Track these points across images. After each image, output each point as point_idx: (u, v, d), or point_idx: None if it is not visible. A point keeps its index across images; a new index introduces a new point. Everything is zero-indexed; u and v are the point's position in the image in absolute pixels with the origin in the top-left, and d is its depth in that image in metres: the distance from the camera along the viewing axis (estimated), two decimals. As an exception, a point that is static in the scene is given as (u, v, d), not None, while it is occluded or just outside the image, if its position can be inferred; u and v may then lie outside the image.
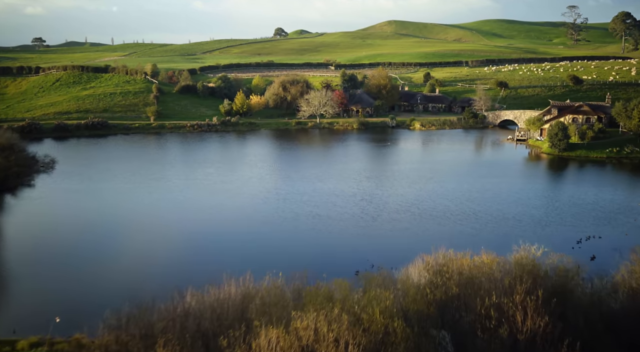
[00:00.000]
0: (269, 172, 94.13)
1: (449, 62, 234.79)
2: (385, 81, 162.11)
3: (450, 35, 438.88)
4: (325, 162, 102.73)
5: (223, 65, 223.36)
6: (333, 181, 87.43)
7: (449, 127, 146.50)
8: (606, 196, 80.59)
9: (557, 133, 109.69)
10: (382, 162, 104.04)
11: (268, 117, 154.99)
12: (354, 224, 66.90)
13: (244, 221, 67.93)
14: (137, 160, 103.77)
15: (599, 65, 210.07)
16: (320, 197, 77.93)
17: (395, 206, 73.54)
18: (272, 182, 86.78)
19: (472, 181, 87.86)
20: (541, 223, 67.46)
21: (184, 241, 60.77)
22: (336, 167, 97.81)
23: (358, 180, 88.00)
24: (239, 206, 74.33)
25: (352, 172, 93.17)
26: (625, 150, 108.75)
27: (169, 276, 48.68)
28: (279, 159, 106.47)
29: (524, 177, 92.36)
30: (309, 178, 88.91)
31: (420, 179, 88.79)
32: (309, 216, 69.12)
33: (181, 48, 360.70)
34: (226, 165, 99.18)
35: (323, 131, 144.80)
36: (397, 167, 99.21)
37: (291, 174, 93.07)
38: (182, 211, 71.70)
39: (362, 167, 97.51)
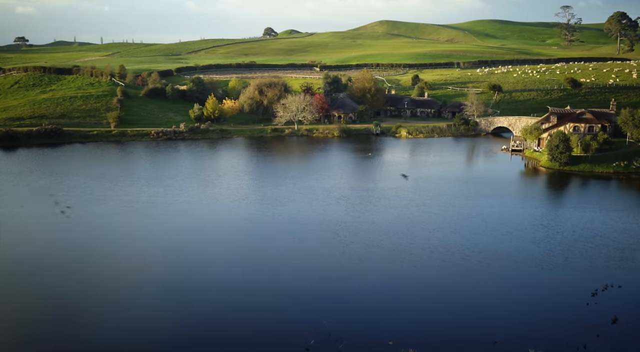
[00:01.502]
0: (223, 191, 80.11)
1: (439, 63, 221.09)
2: (370, 84, 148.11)
3: (442, 36, 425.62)
4: (294, 178, 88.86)
5: (202, 66, 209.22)
6: (297, 203, 73.53)
7: (438, 135, 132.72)
8: (618, 224, 67.05)
9: (558, 145, 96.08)
10: (359, 179, 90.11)
11: (243, 123, 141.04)
12: (311, 265, 53.18)
13: (155, 279, 54.04)
14: (81, 175, 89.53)
15: (597, 67, 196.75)
16: (276, 227, 64.11)
17: (365, 240, 59.71)
18: (221, 207, 72.68)
19: (459, 204, 74.11)
20: (542, 265, 53.84)
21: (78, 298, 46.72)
22: (305, 185, 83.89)
23: (327, 202, 74.08)
24: (162, 244, 60.33)
25: (322, 192, 79.23)
26: (635, 164, 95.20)
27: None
28: (240, 174, 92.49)
29: (520, 198, 78.63)
30: (269, 200, 74.95)
31: (400, 201, 74.95)
32: (253, 258, 55.19)
33: (166, 48, 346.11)
34: (178, 182, 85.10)
35: (301, 139, 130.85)
36: (375, 185, 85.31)
37: (249, 194, 79.04)
38: (97, 251, 57.66)
39: (335, 186, 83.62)
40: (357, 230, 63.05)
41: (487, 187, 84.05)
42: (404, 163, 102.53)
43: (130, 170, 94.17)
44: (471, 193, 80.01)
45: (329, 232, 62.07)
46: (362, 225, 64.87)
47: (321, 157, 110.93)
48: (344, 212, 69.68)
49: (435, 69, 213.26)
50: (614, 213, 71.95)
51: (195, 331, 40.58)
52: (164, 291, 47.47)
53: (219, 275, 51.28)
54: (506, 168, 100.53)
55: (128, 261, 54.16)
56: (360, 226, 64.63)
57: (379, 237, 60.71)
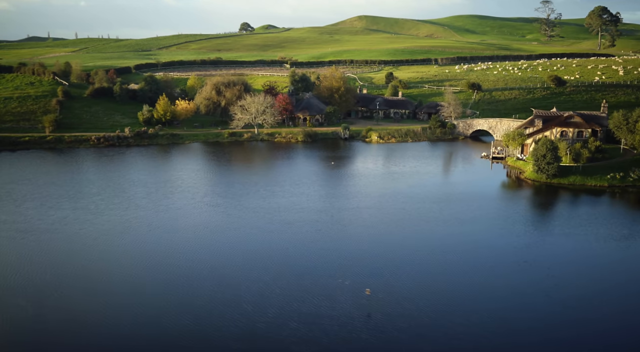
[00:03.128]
0: (144, 215, 65.15)
1: (417, 60, 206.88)
2: (339, 83, 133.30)
3: (421, 31, 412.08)
4: (237, 196, 74.09)
5: (163, 63, 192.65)
6: (227, 234, 58.97)
7: (412, 140, 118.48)
8: (625, 263, 53.57)
9: (545, 154, 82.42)
10: (312, 196, 75.46)
11: (199, 126, 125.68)
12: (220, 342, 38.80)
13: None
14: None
15: (581, 63, 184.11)
16: (177, 278, 49.43)
17: (278, 307, 45.34)
18: (127, 240, 57.77)
19: (427, 232, 60.03)
20: (533, 343, 39.78)
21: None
22: (248, 204, 69.15)
23: (265, 230, 59.54)
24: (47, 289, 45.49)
25: (264, 215, 64.65)
26: (632, 176, 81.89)
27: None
28: (174, 191, 77.52)
29: (501, 223, 64.67)
30: (193, 228, 60.23)
31: (355, 229, 60.63)
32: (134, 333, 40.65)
33: (137, 44, 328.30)
34: (96, 203, 69.88)
35: (261, 145, 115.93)
36: (330, 204, 70.77)
37: (170, 220, 64.02)
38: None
39: (282, 206, 68.99)
40: (284, 281, 48.64)
41: (464, 207, 70.07)
42: (371, 174, 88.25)
43: (45, 186, 78.53)
44: (443, 216, 65.95)
45: (248, 283, 47.62)
46: (292, 270, 50.46)
47: (278, 167, 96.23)
48: (278, 248, 55.09)
49: (412, 65, 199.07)
50: (614, 243, 58.53)
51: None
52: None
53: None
54: (486, 181, 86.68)
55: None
56: (291, 271, 50.23)
57: (309, 293, 46.31)
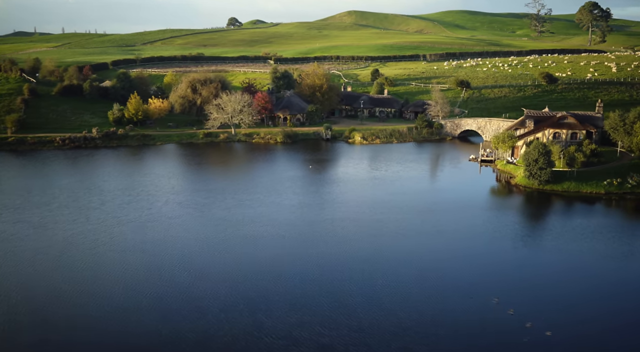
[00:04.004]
0: (90, 229, 57.93)
1: (404, 56, 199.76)
2: (322, 81, 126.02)
3: (411, 27, 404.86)
4: (194, 205, 66.95)
5: (142, 59, 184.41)
6: (167, 257, 51.87)
7: (397, 141, 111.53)
8: (624, 286, 47.14)
9: (537, 159, 75.80)
10: (281, 205, 68.38)
11: (174, 126, 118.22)
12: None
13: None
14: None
15: (572, 59, 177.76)
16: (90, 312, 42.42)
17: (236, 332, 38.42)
18: (63, 260, 50.61)
19: (403, 250, 53.15)
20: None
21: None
22: (208, 216, 62.08)
23: (203, 252, 52.45)
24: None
25: (216, 232, 57.58)
26: (630, 182, 75.41)
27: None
28: (131, 200, 70.24)
29: (488, 238, 57.92)
30: (140, 246, 53.06)
31: (321, 250, 53.68)
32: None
33: (121, 39, 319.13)
34: (43, 213, 62.49)
35: (237, 146, 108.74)
36: (300, 215, 63.78)
37: (115, 237, 56.78)
38: None
39: (245, 218, 61.90)
40: (234, 314, 41.70)
41: (448, 218, 63.33)
42: (350, 180, 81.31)
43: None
44: (424, 229, 59.20)
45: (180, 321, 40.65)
46: (246, 302, 43.56)
47: (251, 171, 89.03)
48: (230, 274, 48.06)
49: (400, 62, 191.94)
50: (612, 263, 52.08)
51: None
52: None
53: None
54: (474, 187, 79.88)
55: None
56: (244, 303, 43.32)
57: (264, 330, 39.41)
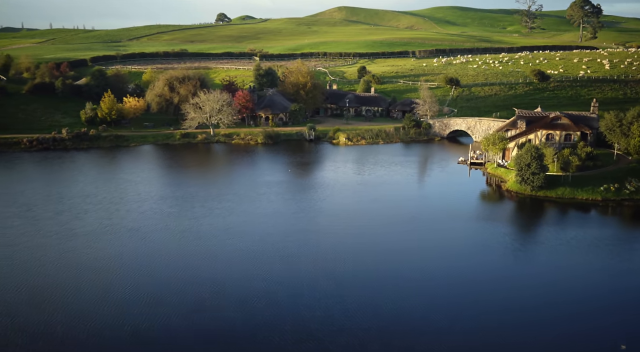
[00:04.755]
0: (36, 246, 51.99)
1: (393, 52, 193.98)
2: (306, 79, 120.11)
3: (402, 23, 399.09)
4: (158, 215, 61.14)
5: (123, 55, 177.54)
6: (120, 276, 46.09)
7: (383, 141, 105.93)
8: (623, 312, 41.89)
9: (530, 163, 70.49)
10: (253, 217, 62.61)
11: (151, 126, 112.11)
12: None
13: None
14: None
15: (564, 56, 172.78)
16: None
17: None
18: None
19: (379, 272, 47.63)
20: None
21: None
22: (172, 227, 56.31)
23: (160, 270, 46.73)
24: None
25: (178, 246, 51.80)
26: (628, 187, 70.27)
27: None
28: (89, 209, 64.29)
29: (475, 254, 52.53)
30: (93, 264, 47.21)
31: (287, 268, 48.10)
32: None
33: (107, 34, 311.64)
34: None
35: (216, 147, 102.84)
36: (271, 228, 58.10)
37: (67, 253, 50.89)
38: None
39: (209, 230, 56.16)
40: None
41: (432, 229, 57.93)
42: (330, 185, 75.68)
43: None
44: (405, 244, 53.71)
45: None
46: (199, 329, 37.91)
47: (226, 176, 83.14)
48: (188, 295, 42.39)
49: (389, 58, 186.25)
50: (610, 283, 46.88)
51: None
52: None
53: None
54: (462, 194, 74.40)
55: None
56: (196, 332, 37.66)
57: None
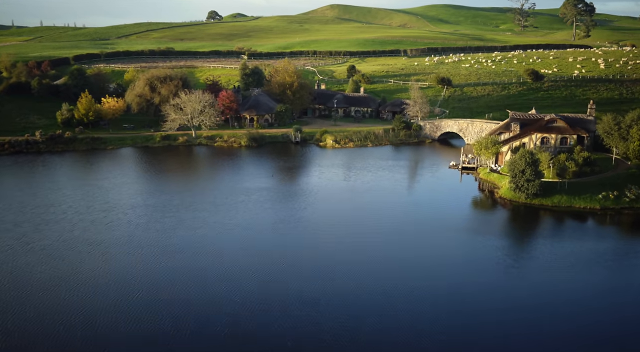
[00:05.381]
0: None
1: (385, 51, 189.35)
2: (292, 78, 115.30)
3: (395, 21, 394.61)
4: (123, 226, 56.34)
5: (107, 54, 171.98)
6: (63, 297, 41.35)
7: (372, 144, 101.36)
8: (625, 338, 37.56)
9: (524, 170, 66.11)
10: (222, 230, 57.89)
11: (131, 127, 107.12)
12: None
13: None
14: None
15: (558, 55, 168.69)
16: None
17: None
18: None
19: (354, 297, 43.06)
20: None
21: None
22: (136, 241, 51.54)
23: (114, 295, 42.01)
24: None
25: (139, 264, 47.04)
26: (628, 195, 66.00)
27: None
28: (51, 220, 59.48)
29: (463, 272, 48.09)
30: (39, 284, 42.39)
31: (253, 304, 43.44)
32: None
33: (95, 32, 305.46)
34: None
35: (197, 150, 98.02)
36: (239, 243, 53.42)
37: (14, 272, 46.09)
38: None
39: (174, 244, 51.45)
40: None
41: (418, 244, 53.48)
42: (313, 191, 71.08)
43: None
44: (386, 261, 49.17)
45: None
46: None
47: (205, 180, 78.30)
48: (135, 323, 37.67)
49: (380, 57, 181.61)
50: (609, 304, 42.51)
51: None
52: None
53: None
54: (453, 202, 69.88)
55: None
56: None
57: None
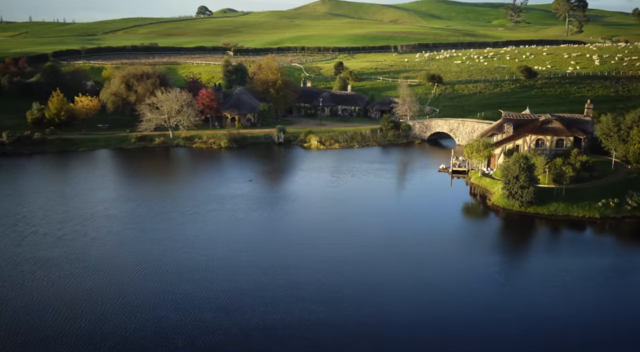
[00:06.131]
0: None
1: (374, 47, 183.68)
2: (276, 76, 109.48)
3: (386, 16, 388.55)
4: (74, 242, 50.73)
5: (88, 50, 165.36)
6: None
7: (359, 145, 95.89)
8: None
9: (518, 176, 60.87)
10: (177, 246, 52.42)
11: (107, 128, 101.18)
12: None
13: None
14: None
15: (551, 51, 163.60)
16: None
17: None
18: None
19: (329, 331, 37.72)
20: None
21: None
22: (83, 258, 45.94)
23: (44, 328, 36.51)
24: None
25: (67, 291, 41.50)
26: (630, 203, 60.87)
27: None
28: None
29: (454, 292, 42.82)
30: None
31: (201, 335, 38.03)
32: None
33: (81, 27, 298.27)
34: None
35: (174, 152, 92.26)
36: (193, 264, 47.91)
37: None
38: None
39: (126, 264, 45.88)
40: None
41: (401, 262, 48.12)
42: (290, 199, 65.60)
43: None
44: (364, 287, 43.81)
45: None
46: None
47: (176, 186, 72.55)
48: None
49: (370, 53, 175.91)
50: (610, 331, 37.35)
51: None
52: None
53: None
54: (442, 210, 64.41)
55: None
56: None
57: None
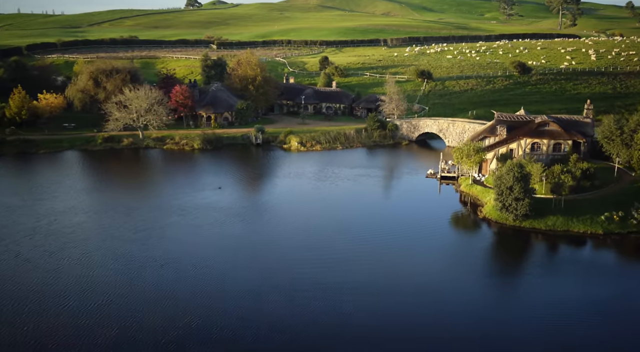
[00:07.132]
0: None
1: (363, 40, 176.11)
2: (255, 72, 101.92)
3: (378, 9, 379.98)
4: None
5: (64, 43, 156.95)
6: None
7: (342, 146, 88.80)
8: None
9: (513, 186, 54.09)
10: (122, 272, 45.39)
11: (74, 127, 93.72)
12: None
13: None
14: None
15: (546, 45, 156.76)
16: None
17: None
18: None
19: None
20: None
21: None
22: (14, 283, 38.95)
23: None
24: None
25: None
26: (636, 216, 54.25)
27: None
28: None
29: (436, 329, 36.10)
30: None
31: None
32: None
33: (66, 19, 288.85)
34: None
35: (143, 154, 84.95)
36: (132, 287, 40.97)
37: None
38: None
39: (60, 291, 38.87)
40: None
41: (379, 290, 41.32)
42: (261, 209, 58.61)
43: None
44: (337, 316, 36.98)
45: None
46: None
47: (136, 194, 65.31)
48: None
49: (358, 47, 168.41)
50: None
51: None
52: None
53: None
54: (429, 221, 57.43)
55: None
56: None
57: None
